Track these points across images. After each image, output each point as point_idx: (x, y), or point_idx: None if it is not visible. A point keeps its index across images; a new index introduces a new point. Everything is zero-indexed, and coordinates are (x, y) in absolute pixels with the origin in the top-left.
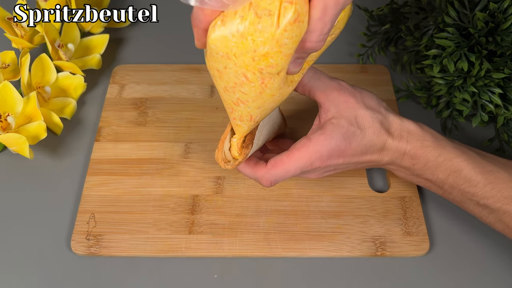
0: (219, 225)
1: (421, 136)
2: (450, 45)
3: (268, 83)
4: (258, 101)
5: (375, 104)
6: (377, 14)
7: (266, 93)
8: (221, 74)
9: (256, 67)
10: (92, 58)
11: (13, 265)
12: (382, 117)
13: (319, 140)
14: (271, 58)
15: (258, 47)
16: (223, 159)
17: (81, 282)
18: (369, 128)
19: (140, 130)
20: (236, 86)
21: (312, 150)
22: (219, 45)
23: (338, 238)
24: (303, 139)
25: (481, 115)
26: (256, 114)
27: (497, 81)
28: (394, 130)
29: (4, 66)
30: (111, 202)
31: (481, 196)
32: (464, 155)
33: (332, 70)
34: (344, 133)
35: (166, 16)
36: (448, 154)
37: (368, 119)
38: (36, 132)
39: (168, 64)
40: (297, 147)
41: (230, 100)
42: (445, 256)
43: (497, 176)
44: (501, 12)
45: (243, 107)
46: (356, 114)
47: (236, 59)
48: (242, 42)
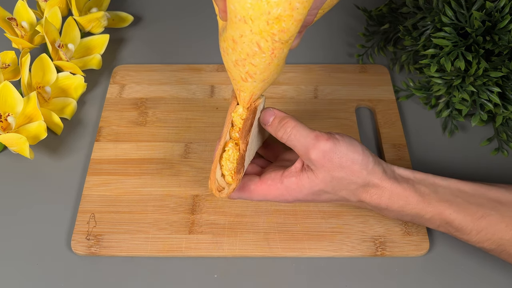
0: (219, 225)
1: (404, 200)
2: (448, 44)
3: (277, 53)
4: (265, 73)
5: (357, 168)
6: (376, 14)
7: (274, 63)
8: (235, 44)
9: (269, 32)
10: (93, 58)
11: (13, 265)
12: (361, 181)
13: (290, 188)
14: (283, 22)
15: (272, 8)
16: (217, 188)
17: (81, 282)
18: (343, 190)
19: (140, 130)
20: (247, 57)
21: (279, 193)
22: (237, 6)
23: (338, 238)
24: (277, 175)
25: (480, 115)
26: (260, 87)
27: (495, 80)
28: (373, 194)
29: (4, 66)
30: (111, 202)
31: (476, 242)
32: (452, 207)
33: (332, 70)
34: (315, 192)
35: (166, 16)
36: (435, 209)
37: (343, 183)
38: (36, 132)
39: (168, 64)
40: (268, 184)
41: (238, 75)
42: (445, 256)
43: (489, 221)
44: (497, 11)
45: (250, 82)
46: (332, 177)
47: (252, 24)
48: (257, 4)
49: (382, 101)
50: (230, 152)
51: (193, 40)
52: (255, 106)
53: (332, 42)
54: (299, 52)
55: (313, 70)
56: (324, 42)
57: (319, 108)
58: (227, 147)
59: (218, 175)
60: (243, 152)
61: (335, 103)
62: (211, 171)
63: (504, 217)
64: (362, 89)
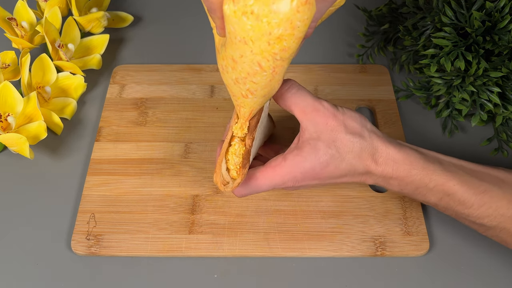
0: (219, 225)
1: (408, 164)
2: (448, 44)
3: (278, 71)
4: (266, 89)
5: (357, 127)
6: (376, 14)
7: (275, 79)
8: (235, 64)
9: (271, 52)
10: (93, 58)
11: (13, 265)
12: (365, 142)
13: (294, 161)
14: (284, 41)
15: (273, 29)
16: (222, 182)
17: (81, 282)
18: (349, 153)
19: (140, 130)
20: (248, 76)
21: (285, 171)
22: (237, 28)
23: (338, 238)
24: (279, 157)
25: (480, 115)
26: (260, 102)
27: (495, 80)
28: (378, 157)
29: (4, 66)
30: (111, 202)
31: (477, 217)
32: (455, 178)
33: (332, 71)
34: (320, 156)
35: (166, 16)
36: (439, 179)
37: (348, 143)
38: (36, 132)
39: (168, 64)
40: (272, 165)
41: (239, 92)
42: (445, 256)
43: (491, 195)
44: (497, 11)
45: (251, 98)
46: (335, 137)
47: (252, 45)
48: (258, 25)
49: (382, 101)
50: (236, 146)
51: (193, 40)
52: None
53: (332, 42)
54: (299, 52)
55: (313, 70)
56: (324, 42)
57: None
58: (234, 141)
59: (224, 169)
60: (249, 147)
61: (335, 103)
62: (216, 164)
63: (506, 194)
64: (362, 89)
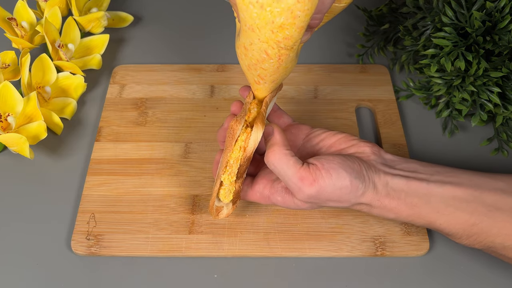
0: (219, 225)
1: (395, 212)
2: (448, 44)
3: (284, 59)
4: (275, 75)
5: (347, 193)
6: (376, 14)
7: (282, 66)
8: (247, 51)
9: (275, 40)
10: (93, 58)
11: (13, 265)
12: (351, 203)
13: (278, 203)
14: (286, 30)
15: (275, 17)
16: (216, 209)
17: (81, 282)
18: (331, 203)
19: (140, 130)
20: (258, 63)
21: (270, 203)
22: (246, 15)
23: (338, 238)
24: (266, 190)
25: (480, 115)
26: (270, 88)
27: (495, 80)
28: (363, 207)
29: (4, 66)
30: (111, 202)
31: (466, 244)
32: (443, 217)
33: (332, 71)
34: (303, 207)
35: (166, 16)
36: (425, 221)
37: (332, 204)
38: (36, 132)
39: (168, 64)
40: (257, 196)
41: (252, 78)
42: (445, 256)
43: (481, 228)
44: (498, 11)
45: (262, 84)
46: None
47: (259, 32)
48: (262, 14)
49: (382, 101)
50: (226, 189)
51: (193, 40)
52: (265, 100)
53: (332, 42)
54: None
55: (313, 70)
56: (324, 42)
57: (319, 108)
58: (225, 179)
59: (216, 202)
60: (239, 188)
61: (335, 103)
62: (211, 198)
63: (497, 223)
64: (362, 89)
